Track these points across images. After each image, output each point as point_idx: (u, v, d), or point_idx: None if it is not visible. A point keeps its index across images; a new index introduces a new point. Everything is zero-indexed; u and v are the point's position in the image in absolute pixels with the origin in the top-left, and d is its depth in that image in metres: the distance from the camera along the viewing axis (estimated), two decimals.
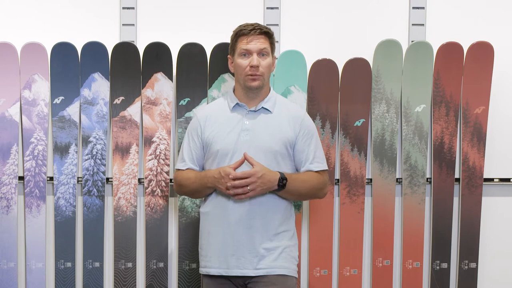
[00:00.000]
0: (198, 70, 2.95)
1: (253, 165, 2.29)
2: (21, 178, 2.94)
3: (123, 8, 3.00)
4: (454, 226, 3.01)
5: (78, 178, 2.95)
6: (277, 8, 3.02)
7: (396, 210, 3.01)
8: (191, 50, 2.93)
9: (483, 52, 2.95)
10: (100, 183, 2.94)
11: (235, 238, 2.34)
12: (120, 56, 2.93)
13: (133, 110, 2.96)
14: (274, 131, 2.40)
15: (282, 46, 3.00)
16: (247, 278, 2.35)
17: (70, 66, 2.92)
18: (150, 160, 2.94)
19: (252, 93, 2.41)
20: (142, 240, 2.97)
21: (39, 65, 2.91)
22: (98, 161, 2.95)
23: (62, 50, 2.91)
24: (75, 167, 2.94)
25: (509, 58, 3.04)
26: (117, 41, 2.96)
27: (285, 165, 2.40)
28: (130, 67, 2.93)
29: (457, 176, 3.01)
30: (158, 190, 2.94)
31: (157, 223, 2.95)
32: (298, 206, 2.96)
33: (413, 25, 3.03)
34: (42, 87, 2.93)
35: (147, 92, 2.95)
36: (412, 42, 3.00)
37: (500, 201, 3.09)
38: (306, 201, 2.96)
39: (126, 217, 2.94)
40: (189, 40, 2.93)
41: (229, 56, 2.47)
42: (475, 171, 3.00)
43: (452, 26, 3.05)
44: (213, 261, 2.38)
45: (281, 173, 2.33)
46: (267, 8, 3.02)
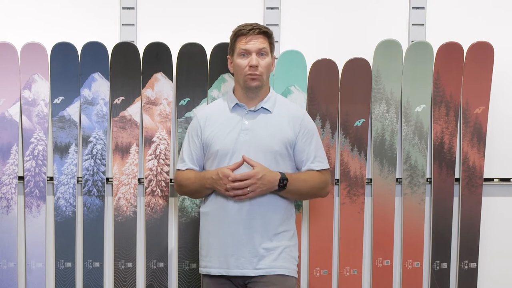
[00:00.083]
0: (198, 70, 2.95)
1: (253, 166, 2.28)
2: (21, 178, 2.94)
3: (123, 8, 3.00)
4: (454, 226, 3.01)
5: (78, 178, 2.95)
6: (277, 8, 3.02)
7: (396, 210, 3.00)
8: (191, 50, 2.93)
9: (483, 52, 2.95)
10: (100, 183, 2.94)
11: (235, 238, 2.34)
12: (120, 56, 2.93)
13: (133, 110, 2.96)
14: (274, 131, 2.39)
15: (282, 46, 3.00)
16: (247, 278, 2.35)
17: (70, 66, 2.92)
18: (150, 160, 2.94)
19: (251, 93, 2.41)
20: (142, 240, 2.98)
21: (39, 65, 2.91)
22: (98, 161, 2.95)
23: (62, 50, 2.91)
24: (75, 167, 2.94)
25: (509, 58, 3.03)
26: (117, 41, 2.96)
27: (284, 165, 2.40)
28: (130, 67, 2.93)
29: (457, 176, 3.01)
30: (158, 190, 2.94)
31: (157, 223, 2.95)
32: (298, 206, 2.96)
33: (413, 25, 3.03)
34: (42, 87, 2.93)
35: (147, 92, 2.96)
36: (412, 42, 3.00)
37: (500, 201, 3.08)
38: (306, 201, 2.96)
39: (126, 217, 2.95)
40: (189, 40, 2.93)
41: (228, 56, 2.47)
42: (475, 171, 3.00)
43: (452, 26, 3.05)
44: (213, 261, 2.38)
45: (281, 173, 2.33)
46: (267, 8, 3.02)
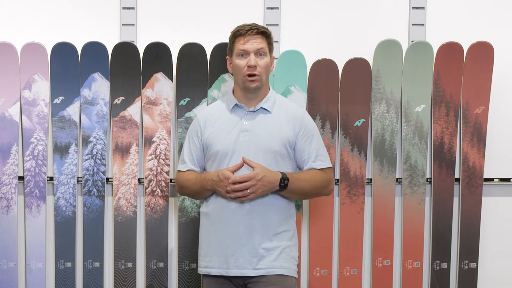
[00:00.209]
0: (198, 70, 2.95)
1: (253, 167, 2.28)
2: (21, 178, 2.94)
3: (123, 8, 3.00)
4: (454, 226, 3.01)
5: (78, 178, 2.95)
6: (277, 8, 3.02)
7: (396, 210, 3.00)
8: (191, 50, 2.93)
9: (483, 52, 2.95)
10: (100, 183, 2.95)
11: (235, 238, 2.34)
12: (120, 56, 2.93)
13: (133, 110, 2.96)
14: (274, 131, 2.39)
15: (282, 46, 3.00)
16: (247, 278, 2.35)
17: (70, 66, 2.92)
18: (150, 160, 2.94)
19: (250, 93, 2.41)
20: (142, 240, 2.98)
21: (39, 65, 2.91)
22: (98, 161, 2.95)
23: (62, 50, 2.91)
24: (75, 167, 2.94)
25: (509, 58, 3.03)
26: (117, 41, 2.96)
27: (284, 165, 2.40)
28: (130, 67, 2.93)
29: (457, 176, 3.01)
30: (158, 190, 2.94)
31: (157, 223, 2.95)
32: (298, 206, 2.96)
33: (413, 25, 3.03)
34: (42, 87, 2.93)
35: (147, 92, 2.96)
36: (412, 42, 2.99)
37: (500, 201, 3.08)
38: (306, 201, 2.96)
39: (126, 217, 2.95)
40: (189, 40, 2.93)
41: (227, 57, 2.47)
42: (475, 171, 3.00)
43: (452, 26, 3.04)
44: (213, 261, 2.38)
45: (282, 173, 2.32)
46: (267, 8, 3.02)
